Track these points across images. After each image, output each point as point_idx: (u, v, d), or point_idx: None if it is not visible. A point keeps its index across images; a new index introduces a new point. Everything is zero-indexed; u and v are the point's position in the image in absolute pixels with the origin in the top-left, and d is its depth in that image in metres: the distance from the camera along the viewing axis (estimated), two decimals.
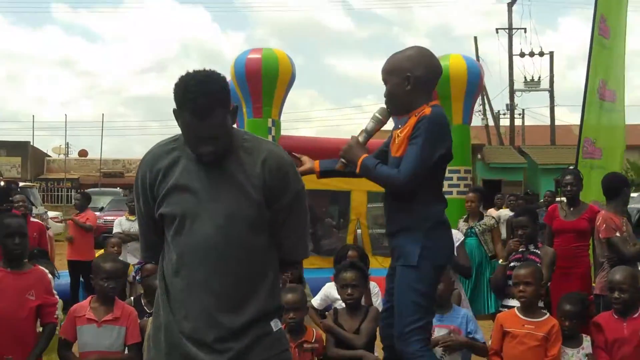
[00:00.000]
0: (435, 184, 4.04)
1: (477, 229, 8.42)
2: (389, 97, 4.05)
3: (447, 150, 3.93)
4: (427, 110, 3.88)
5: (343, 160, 4.15)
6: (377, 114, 4.11)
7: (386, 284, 4.20)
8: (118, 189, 33.18)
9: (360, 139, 4.10)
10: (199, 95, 2.78)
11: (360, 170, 4.01)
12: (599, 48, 9.43)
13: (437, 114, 3.90)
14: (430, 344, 4.12)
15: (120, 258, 6.89)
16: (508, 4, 38.60)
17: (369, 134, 4.13)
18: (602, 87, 9.52)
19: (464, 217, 8.81)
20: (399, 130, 3.99)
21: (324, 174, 4.39)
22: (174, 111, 2.88)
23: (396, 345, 3.95)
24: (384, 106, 4.10)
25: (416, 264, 3.89)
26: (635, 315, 4.98)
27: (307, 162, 4.34)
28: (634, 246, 6.59)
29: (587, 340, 5.12)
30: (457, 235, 6.35)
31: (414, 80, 3.95)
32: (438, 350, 5.00)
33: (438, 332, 5.13)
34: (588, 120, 9.34)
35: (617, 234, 6.58)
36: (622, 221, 6.74)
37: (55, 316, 5.07)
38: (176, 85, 2.85)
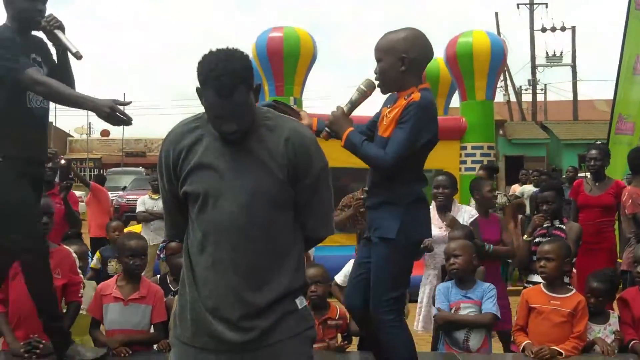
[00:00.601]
0: (417, 164, 4.16)
1: None
2: (383, 75, 4.13)
3: (433, 136, 4.08)
4: (417, 95, 3.99)
5: (328, 130, 4.20)
6: (362, 86, 4.22)
7: (359, 253, 4.41)
8: (140, 168, 33.35)
9: (345, 109, 4.21)
10: (221, 74, 2.76)
11: (345, 144, 4.09)
12: (636, 22, 9.23)
13: (427, 100, 4.03)
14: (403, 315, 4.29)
15: (144, 236, 6.90)
16: None
17: (354, 105, 4.25)
18: (637, 62, 9.36)
19: None
20: (387, 110, 4.11)
21: (316, 133, 4.29)
22: (197, 89, 2.87)
23: (372, 312, 4.09)
24: (370, 78, 4.21)
25: (394, 237, 4.02)
26: None
27: (305, 119, 4.27)
28: None
29: (614, 317, 5.10)
30: (471, 213, 6.31)
31: (408, 61, 4.06)
32: (462, 331, 5.02)
33: (464, 309, 5.13)
34: (621, 96, 9.21)
35: None
36: None
37: (80, 295, 5.11)
38: (199, 63, 2.84)
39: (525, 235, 6.25)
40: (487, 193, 6.51)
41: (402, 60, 4.05)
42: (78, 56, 4.33)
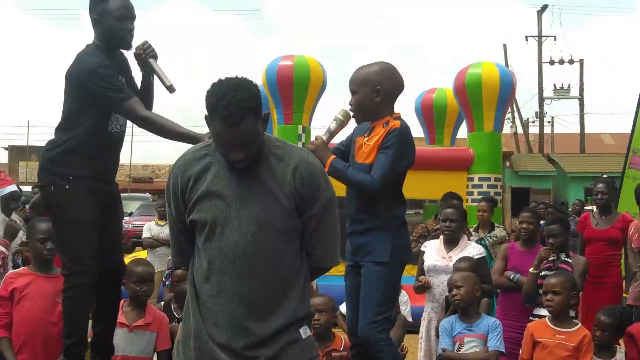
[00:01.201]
0: (398, 188, 4.42)
1: (487, 241, 8.18)
2: (358, 106, 4.37)
3: (411, 160, 4.37)
4: (397, 122, 4.28)
5: None
6: (339, 116, 4.40)
7: (346, 283, 4.54)
8: (147, 194, 33.36)
9: (324, 138, 4.39)
10: (229, 103, 2.78)
11: (329, 171, 4.17)
12: None
13: (407, 128, 4.32)
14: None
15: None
16: (538, 11, 38.37)
17: (332, 134, 4.44)
18: None
19: (474, 226, 8.60)
20: (365, 138, 4.35)
21: None
22: (206, 117, 2.90)
23: (361, 334, 4.34)
24: (345, 109, 4.42)
25: (388, 260, 4.27)
26: None
27: (319, 149, 4.33)
28: None
29: (620, 352, 5.07)
30: (479, 250, 6.29)
31: (383, 93, 4.32)
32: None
33: (467, 343, 5.10)
34: (638, 130, 9.14)
35: None
36: None
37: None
38: (208, 92, 2.86)
39: (532, 268, 6.23)
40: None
41: (377, 92, 4.30)
42: (172, 90, 4.35)
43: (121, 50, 4.51)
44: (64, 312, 4.39)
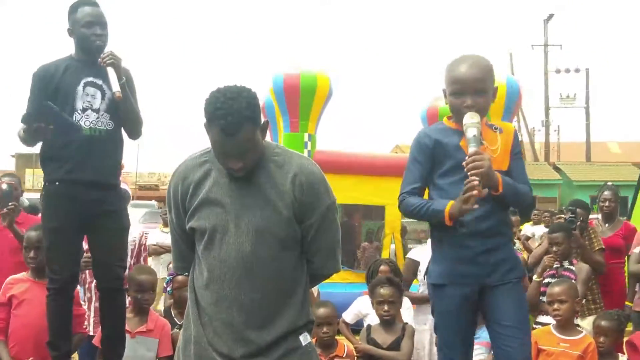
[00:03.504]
0: None
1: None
2: (483, 108, 3.67)
3: None
4: (511, 124, 3.86)
5: (475, 183, 3.44)
6: (475, 121, 3.57)
7: (458, 318, 3.70)
8: (153, 202, 33.39)
9: (479, 149, 3.55)
10: (227, 113, 2.79)
11: (504, 190, 3.57)
12: None
13: None
14: None
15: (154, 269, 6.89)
16: (544, 20, 38.42)
17: (480, 142, 3.61)
18: None
19: None
20: (485, 143, 3.63)
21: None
22: (205, 125, 2.90)
23: (522, 356, 3.68)
24: (471, 112, 3.59)
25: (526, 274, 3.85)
26: None
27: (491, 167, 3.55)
28: None
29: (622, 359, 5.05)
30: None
31: (496, 94, 3.78)
32: None
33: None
34: None
35: (637, 250, 6.45)
36: None
37: (85, 326, 5.11)
38: (206, 101, 2.86)
39: (535, 276, 6.21)
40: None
41: (495, 92, 3.75)
42: (115, 96, 4.40)
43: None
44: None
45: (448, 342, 3.73)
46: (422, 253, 6.10)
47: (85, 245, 4.78)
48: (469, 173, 3.45)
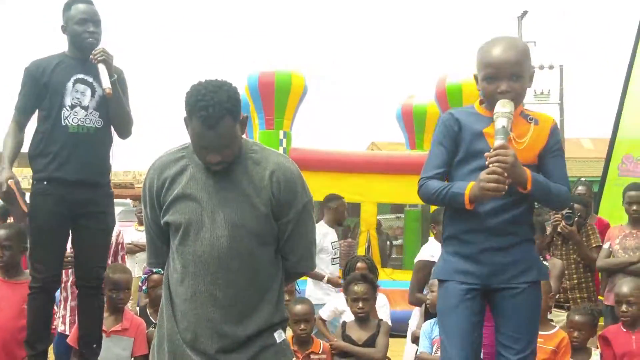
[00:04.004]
0: None
1: None
2: (520, 95, 3.39)
3: None
4: (548, 115, 3.51)
5: (503, 179, 3.18)
6: (507, 111, 3.27)
7: (464, 310, 3.39)
8: (128, 200, 33.22)
9: (505, 143, 3.24)
10: (208, 105, 2.79)
11: (533, 189, 3.28)
12: None
13: None
14: None
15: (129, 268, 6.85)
16: (518, 17, 38.60)
17: (508, 135, 3.29)
18: None
19: None
20: (511, 134, 3.30)
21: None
22: (184, 119, 2.90)
23: None
24: (505, 101, 3.29)
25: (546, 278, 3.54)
26: None
27: (518, 162, 3.23)
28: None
29: (595, 354, 5.09)
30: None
31: (533, 78, 3.46)
32: None
33: None
34: (629, 137, 8.90)
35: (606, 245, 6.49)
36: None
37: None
38: (187, 93, 2.87)
39: None
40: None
41: (532, 76, 3.45)
42: (105, 92, 4.40)
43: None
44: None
45: (448, 342, 3.44)
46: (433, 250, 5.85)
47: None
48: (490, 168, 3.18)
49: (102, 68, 4.40)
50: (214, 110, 2.79)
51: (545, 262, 6.08)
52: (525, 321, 3.42)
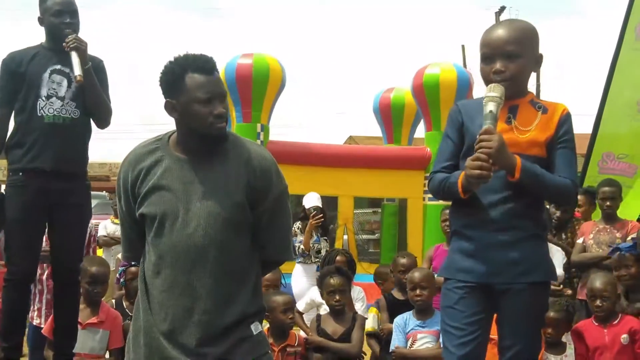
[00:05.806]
0: None
1: None
2: (518, 75, 3.23)
3: None
4: (560, 104, 3.30)
5: (487, 165, 3.05)
6: (496, 95, 3.12)
7: (463, 307, 3.26)
8: (104, 193, 33.04)
9: (493, 127, 3.09)
10: (199, 56, 2.89)
11: (521, 176, 3.10)
12: (635, 55, 8.74)
13: None
14: None
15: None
16: (495, 12, 38.78)
17: (497, 120, 3.14)
18: None
19: None
20: (514, 122, 3.22)
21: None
22: (167, 103, 2.90)
23: None
24: (495, 84, 3.16)
25: (555, 279, 3.39)
26: (616, 321, 4.97)
27: (503, 147, 3.08)
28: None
29: (570, 348, 5.12)
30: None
31: (541, 62, 3.33)
32: None
33: (420, 339, 5.14)
34: (610, 133, 8.78)
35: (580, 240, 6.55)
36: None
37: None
38: (170, 63, 2.90)
39: None
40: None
41: (538, 59, 3.30)
42: (76, 80, 4.38)
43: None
44: None
45: (446, 339, 3.33)
46: None
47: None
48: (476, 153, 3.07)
49: (74, 55, 4.38)
50: (208, 58, 2.89)
51: None
52: (523, 325, 3.26)
